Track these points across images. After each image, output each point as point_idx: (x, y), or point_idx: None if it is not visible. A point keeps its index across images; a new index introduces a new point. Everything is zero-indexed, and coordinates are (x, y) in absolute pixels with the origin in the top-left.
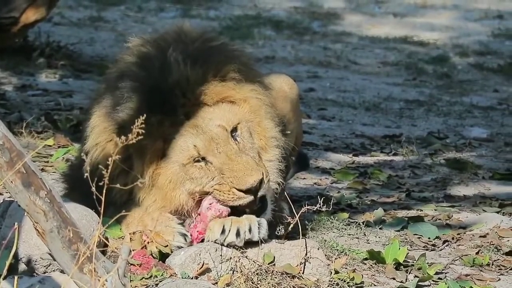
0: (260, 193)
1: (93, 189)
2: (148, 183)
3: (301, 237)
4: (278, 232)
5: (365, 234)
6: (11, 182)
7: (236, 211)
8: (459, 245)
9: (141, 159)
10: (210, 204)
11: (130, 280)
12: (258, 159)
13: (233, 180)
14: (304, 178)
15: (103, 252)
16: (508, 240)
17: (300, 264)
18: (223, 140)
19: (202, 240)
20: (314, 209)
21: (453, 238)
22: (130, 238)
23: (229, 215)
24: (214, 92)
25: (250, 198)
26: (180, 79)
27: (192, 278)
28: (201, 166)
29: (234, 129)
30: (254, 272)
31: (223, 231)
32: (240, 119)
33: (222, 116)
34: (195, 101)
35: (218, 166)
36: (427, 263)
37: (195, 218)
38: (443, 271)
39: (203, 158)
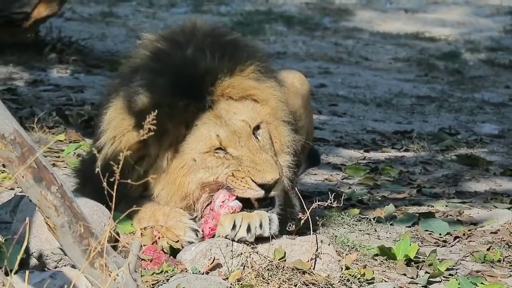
0: (272, 193)
1: (104, 184)
2: (164, 167)
3: (311, 232)
4: (289, 228)
5: (376, 230)
6: (23, 177)
7: (247, 203)
8: (470, 241)
9: (160, 142)
10: (222, 202)
11: (141, 275)
12: (276, 160)
13: (251, 170)
14: (315, 174)
15: (114, 247)
16: None
17: (310, 260)
18: (246, 136)
19: (213, 236)
20: (325, 205)
21: (464, 234)
22: (141, 233)
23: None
24: (241, 87)
25: (260, 193)
26: (209, 68)
27: (202, 274)
28: (219, 156)
29: (257, 127)
30: (265, 267)
31: (234, 227)
32: (262, 119)
33: (246, 112)
34: (221, 92)
35: (237, 158)
36: (438, 259)
37: (202, 212)
38: (454, 267)
39: (224, 149)
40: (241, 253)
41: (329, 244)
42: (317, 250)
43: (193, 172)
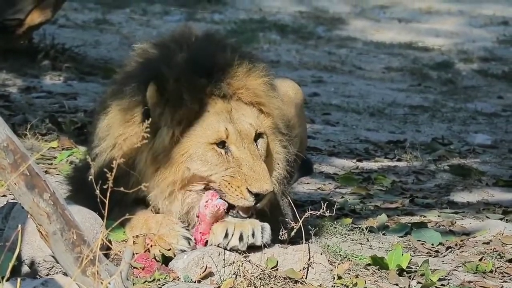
0: (259, 205)
1: (97, 192)
2: (166, 145)
3: (304, 242)
4: (281, 237)
5: (368, 240)
6: (15, 184)
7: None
8: (462, 251)
9: (173, 116)
10: (206, 202)
11: (133, 284)
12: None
13: (248, 179)
14: (307, 183)
15: (106, 255)
16: (511, 247)
17: (303, 269)
18: (250, 139)
19: (206, 242)
20: (318, 214)
21: (456, 245)
22: (134, 241)
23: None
24: (254, 92)
25: (251, 203)
26: (230, 61)
27: (194, 282)
28: (221, 153)
29: (259, 136)
30: (257, 276)
31: (226, 235)
32: (264, 130)
33: (253, 118)
34: (235, 90)
35: (238, 159)
36: (430, 269)
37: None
38: (446, 278)
39: (227, 146)
40: (233, 262)
41: (321, 254)
42: (309, 259)
43: (191, 162)
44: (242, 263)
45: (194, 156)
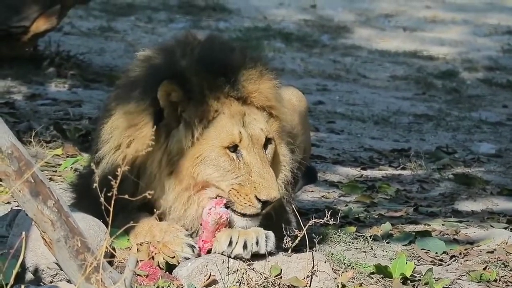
0: (265, 211)
1: (102, 199)
2: (183, 147)
3: (308, 250)
4: (285, 245)
5: (372, 248)
6: (19, 191)
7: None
8: (466, 260)
9: (195, 111)
10: (209, 209)
11: None
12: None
13: (257, 187)
14: (312, 191)
15: (110, 263)
16: None
17: (307, 277)
18: (260, 145)
19: (209, 250)
20: (322, 222)
21: (460, 254)
22: (137, 249)
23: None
24: (266, 96)
25: (258, 210)
26: (243, 64)
27: None
28: (233, 158)
29: (268, 141)
30: (260, 284)
31: (230, 243)
32: (273, 135)
33: (264, 123)
34: (248, 93)
35: (248, 164)
36: (434, 278)
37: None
38: (450, 286)
39: (239, 150)
40: (237, 270)
41: (325, 262)
42: (313, 267)
43: (204, 165)
44: (246, 271)
45: (207, 160)
